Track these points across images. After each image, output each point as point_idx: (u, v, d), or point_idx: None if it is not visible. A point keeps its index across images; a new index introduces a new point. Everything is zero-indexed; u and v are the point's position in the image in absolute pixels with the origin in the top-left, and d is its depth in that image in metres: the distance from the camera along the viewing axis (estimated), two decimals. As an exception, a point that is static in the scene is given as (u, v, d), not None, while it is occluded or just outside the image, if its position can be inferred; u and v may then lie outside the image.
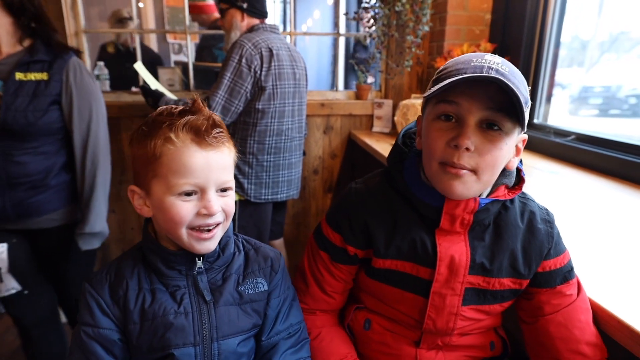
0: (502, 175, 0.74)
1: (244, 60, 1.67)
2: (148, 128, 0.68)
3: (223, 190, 0.70)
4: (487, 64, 0.64)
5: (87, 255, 1.48)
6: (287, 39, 1.96)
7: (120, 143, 2.22)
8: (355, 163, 2.45)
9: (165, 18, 4.68)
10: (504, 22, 2.00)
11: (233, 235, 0.79)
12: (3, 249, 1.32)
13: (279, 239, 2.17)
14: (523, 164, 0.80)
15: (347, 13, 2.30)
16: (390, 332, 0.84)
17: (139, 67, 1.94)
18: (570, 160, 1.55)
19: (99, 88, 1.44)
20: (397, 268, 0.77)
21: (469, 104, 0.65)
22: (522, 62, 1.87)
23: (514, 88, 0.61)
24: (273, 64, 1.71)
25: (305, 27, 6.87)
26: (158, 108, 0.72)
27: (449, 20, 2.07)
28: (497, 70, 0.63)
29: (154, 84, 1.90)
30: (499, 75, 0.62)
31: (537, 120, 1.85)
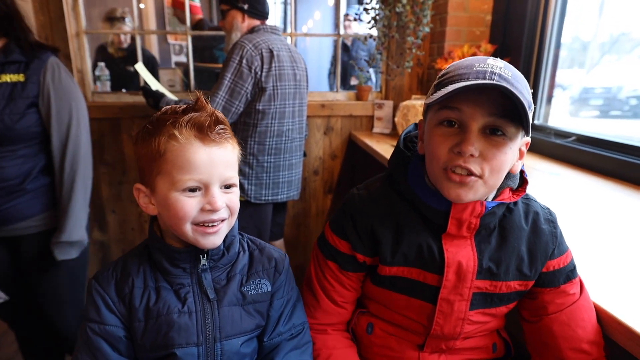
0: (506, 178, 0.74)
1: (245, 61, 1.67)
2: (152, 126, 0.68)
3: (227, 187, 0.71)
4: (489, 69, 0.63)
5: (65, 268, 1.36)
6: (287, 40, 1.97)
7: (121, 143, 2.22)
8: (356, 164, 2.45)
9: (166, 19, 4.69)
10: (505, 23, 2.00)
11: (238, 235, 0.80)
12: None
13: (279, 240, 2.17)
14: (524, 166, 0.80)
15: (347, 14, 2.31)
16: (394, 336, 0.83)
17: (140, 68, 1.94)
18: (571, 162, 1.55)
19: (79, 88, 1.37)
20: (403, 275, 0.76)
21: (472, 111, 0.64)
22: (522, 63, 1.86)
23: (518, 94, 0.61)
24: (274, 65, 1.72)
25: (306, 28, 6.87)
26: (159, 108, 0.73)
27: (450, 22, 2.07)
28: (500, 75, 0.63)
29: (155, 85, 1.90)
30: (502, 80, 0.62)
31: (537, 122, 1.85)
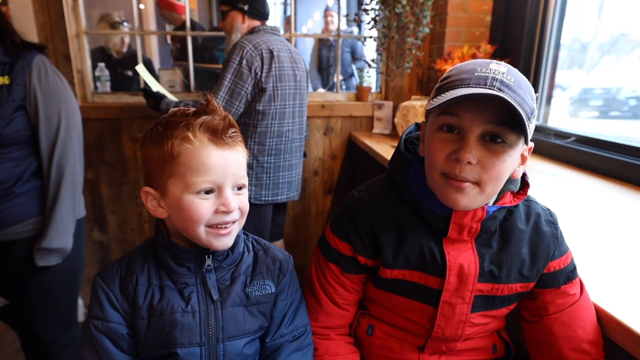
0: (508, 182, 0.73)
1: (245, 62, 1.67)
2: (163, 128, 0.68)
3: (239, 189, 0.71)
4: (491, 74, 0.63)
5: (52, 274, 1.31)
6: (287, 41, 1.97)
7: (121, 144, 2.22)
8: (356, 164, 2.45)
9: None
10: (504, 23, 2.00)
11: (243, 235, 0.80)
12: None
13: (279, 241, 2.17)
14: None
15: (347, 15, 2.31)
16: (394, 337, 0.83)
17: (141, 69, 1.94)
18: (571, 162, 1.55)
19: (69, 88, 1.30)
20: (404, 278, 0.76)
21: (472, 117, 0.64)
22: (522, 63, 1.87)
23: (517, 103, 0.60)
24: (274, 66, 1.72)
25: (306, 28, 6.87)
26: (160, 109, 0.73)
27: (449, 22, 2.07)
28: (501, 82, 0.62)
29: (155, 86, 1.90)
30: (504, 87, 0.61)
31: (537, 122, 1.85)
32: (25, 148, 1.23)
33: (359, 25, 4.13)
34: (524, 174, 0.77)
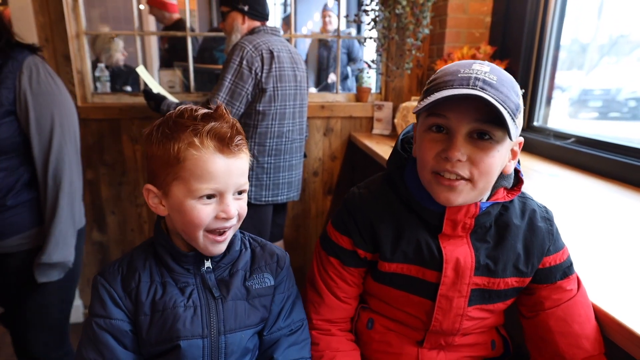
0: (500, 178, 0.76)
1: (245, 62, 1.67)
2: (170, 130, 0.68)
3: (239, 193, 0.72)
4: (474, 74, 0.65)
5: (45, 290, 1.25)
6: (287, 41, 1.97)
7: (121, 144, 2.22)
8: (355, 165, 2.45)
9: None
10: (504, 24, 2.00)
11: (239, 234, 0.81)
12: None
13: (279, 241, 2.17)
14: (522, 166, 0.81)
15: (347, 15, 2.31)
16: (393, 332, 0.85)
17: (141, 70, 1.94)
18: (570, 163, 1.55)
19: (65, 91, 1.22)
20: (402, 272, 0.78)
21: (458, 117, 0.66)
22: (522, 64, 1.87)
23: (501, 101, 0.63)
24: (274, 66, 1.72)
25: (306, 29, 6.88)
26: (160, 111, 0.73)
27: (449, 23, 2.08)
28: (484, 81, 0.64)
29: (156, 88, 1.90)
30: (486, 86, 0.64)
31: (537, 123, 1.85)
32: (16, 157, 1.16)
33: (359, 26, 4.13)
34: (518, 171, 0.79)
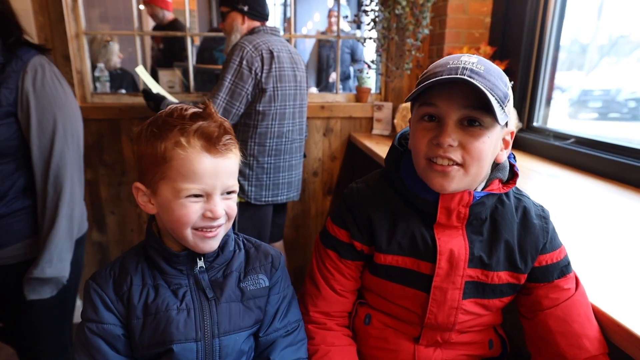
0: (495, 170, 0.78)
1: (245, 62, 1.67)
2: (158, 129, 0.68)
3: (228, 193, 0.72)
4: (462, 65, 0.68)
5: (38, 307, 1.15)
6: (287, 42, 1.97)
7: (120, 145, 2.22)
8: (355, 165, 2.45)
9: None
10: (504, 25, 2.00)
11: (233, 235, 0.81)
12: None
13: (279, 241, 2.17)
14: (521, 167, 0.81)
15: (346, 16, 2.31)
16: (390, 328, 0.85)
17: (141, 70, 1.94)
18: (570, 164, 1.55)
19: (71, 95, 1.16)
20: (398, 264, 0.79)
21: (447, 105, 0.69)
22: (521, 65, 1.87)
23: (488, 88, 0.66)
24: (274, 66, 1.72)
25: (306, 29, 6.88)
26: (160, 111, 0.73)
27: (449, 24, 2.08)
28: (471, 70, 0.67)
29: (155, 88, 1.90)
30: (474, 74, 0.66)
31: (536, 124, 1.85)
32: (12, 162, 1.09)
33: (359, 27, 4.13)
34: (513, 165, 0.80)
